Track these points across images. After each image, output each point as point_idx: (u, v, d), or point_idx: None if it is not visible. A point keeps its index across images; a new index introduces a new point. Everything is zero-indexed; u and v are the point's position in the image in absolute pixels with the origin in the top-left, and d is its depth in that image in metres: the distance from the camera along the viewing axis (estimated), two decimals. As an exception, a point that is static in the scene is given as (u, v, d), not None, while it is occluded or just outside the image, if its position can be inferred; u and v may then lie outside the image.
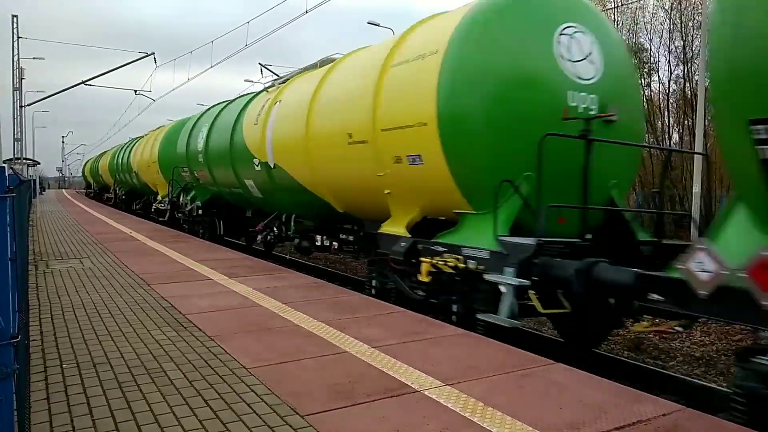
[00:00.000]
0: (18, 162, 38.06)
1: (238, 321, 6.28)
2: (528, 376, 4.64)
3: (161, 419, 3.74)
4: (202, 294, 7.73)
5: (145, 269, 9.75)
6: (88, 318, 6.39)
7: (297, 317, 6.46)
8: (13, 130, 37.60)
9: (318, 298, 7.61)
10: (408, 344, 5.46)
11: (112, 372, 4.61)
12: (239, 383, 4.40)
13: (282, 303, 7.19)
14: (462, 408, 3.93)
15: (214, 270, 9.78)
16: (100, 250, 12.41)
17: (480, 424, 3.69)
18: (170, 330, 5.90)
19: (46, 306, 6.98)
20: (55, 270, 9.73)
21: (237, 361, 4.90)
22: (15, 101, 36.69)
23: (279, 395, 4.15)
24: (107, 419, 3.73)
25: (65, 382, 4.38)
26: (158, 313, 6.66)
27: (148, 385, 4.35)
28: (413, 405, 3.99)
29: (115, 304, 7.12)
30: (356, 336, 5.69)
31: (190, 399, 4.09)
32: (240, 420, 3.75)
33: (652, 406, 4.07)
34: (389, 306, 7.24)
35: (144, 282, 8.59)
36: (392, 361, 4.91)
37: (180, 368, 4.74)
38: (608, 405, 4.04)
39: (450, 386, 4.34)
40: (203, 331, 5.84)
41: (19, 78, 36.94)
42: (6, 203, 2.43)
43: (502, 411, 3.89)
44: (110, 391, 4.21)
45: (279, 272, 10.05)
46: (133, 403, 3.99)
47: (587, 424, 3.71)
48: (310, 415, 3.81)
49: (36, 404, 3.95)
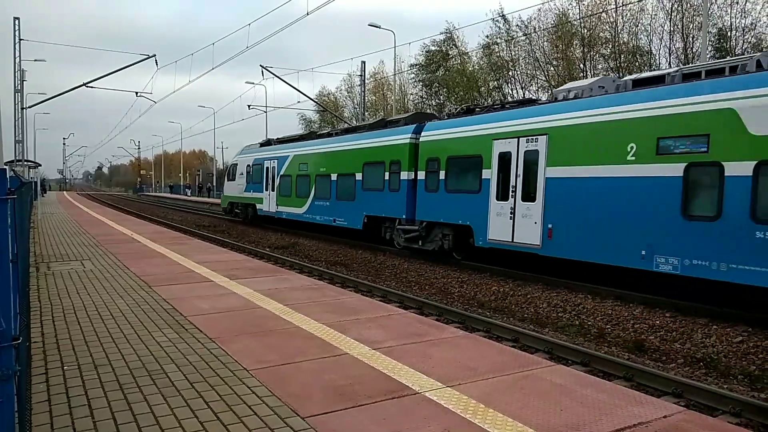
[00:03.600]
0: (19, 164, 38.10)
1: (240, 323, 6.29)
2: (528, 377, 4.65)
3: (162, 421, 3.75)
4: (203, 296, 7.73)
5: (146, 271, 9.76)
6: (89, 319, 6.40)
7: (298, 319, 6.47)
8: (14, 132, 37.67)
9: (319, 299, 7.62)
10: (408, 346, 5.46)
11: (113, 373, 4.62)
12: (240, 385, 4.41)
13: (283, 305, 7.20)
14: (462, 409, 3.93)
15: (215, 272, 9.79)
16: (101, 252, 12.42)
17: (480, 425, 3.69)
18: (171, 332, 5.91)
19: (48, 307, 6.99)
20: (57, 272, 9.74)
21: (238, 363, 4.90)
22: (16, 103, 36.74)
23: (280, 397, 4.15)
24: (108, 420, 3.74)
25: (66, 384, 4.39)
26: (159, 314, 6.67)
27: (149, 386, 4.36)
28: (414, 407, 3.99)
29: (116, 305, 7.13)
30: (357, 338, 5.69)
31: (191, 401, 4.10)
32: (241, 422, 3.75)
33: (652, 407, 4.07)
34: (390, 307, 7.24)
35: (145, 284, 8.59)
36: (393, 363, 4.91)
37: (181, 370, 4.74)
38: (608, 406, 4.05)
39: (450, 388, 4.34)
40: (204, 333, 5.84)
41: (21, 80, 36.99)
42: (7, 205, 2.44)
43: (502, 412, 3.89)
44: (111, 392, 4.22)
45: (280, 274, 10.06)
46: (134, 405, 3.99)
47: (587, 426, 3.71)
48: (310, 416, 3.81)
49: (37, 405, 3.96)
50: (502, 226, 13.17)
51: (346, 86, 61.73)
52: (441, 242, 15.52)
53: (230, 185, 30.43)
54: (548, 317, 10.25)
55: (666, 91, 10.06)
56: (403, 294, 11.70)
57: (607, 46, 38.59)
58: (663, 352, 8.30)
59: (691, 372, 7.56)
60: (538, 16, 41.41)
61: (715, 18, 32.73)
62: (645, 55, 37.01)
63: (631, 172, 10.33)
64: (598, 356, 7.66)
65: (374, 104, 58.74)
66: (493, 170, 13.46)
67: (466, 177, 14.49)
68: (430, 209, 15.64)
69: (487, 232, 13.57)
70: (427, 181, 15.71)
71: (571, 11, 39.50)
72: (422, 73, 52.80)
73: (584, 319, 9.97)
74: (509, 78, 45.43)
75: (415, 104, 53.03)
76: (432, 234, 15.84)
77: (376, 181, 17.94)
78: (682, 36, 34.82)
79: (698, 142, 9.40)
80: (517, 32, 42.94)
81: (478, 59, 47.70)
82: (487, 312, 10.78)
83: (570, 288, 11.86)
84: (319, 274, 14.07)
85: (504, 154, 13.19)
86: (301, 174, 22.73)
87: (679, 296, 10.27)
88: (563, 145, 11.70)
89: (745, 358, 7.80)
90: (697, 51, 31.83)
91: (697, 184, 9.51)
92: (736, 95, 8.88)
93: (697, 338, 8.63)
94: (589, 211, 11.14)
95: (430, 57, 51.11)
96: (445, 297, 12.12)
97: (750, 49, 31.98)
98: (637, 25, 36.77)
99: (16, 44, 35.49)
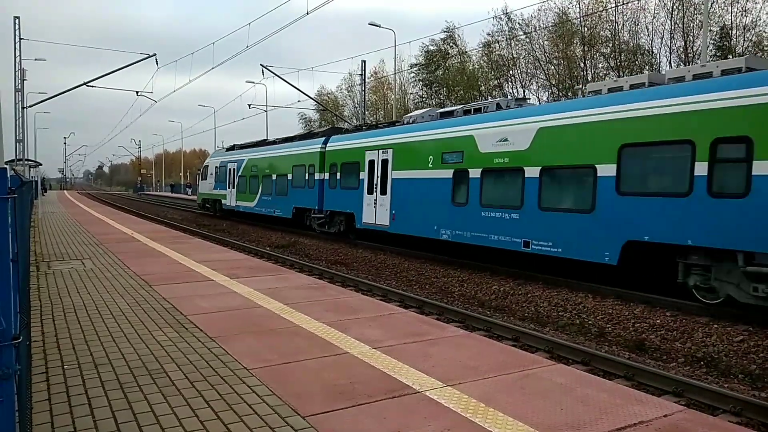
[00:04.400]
0: (20, 163, 38.09)
1: (240, 322, 6.28)
2: (529, 376, 4.64)
3: (163, 420, 3.75)
4: (204, 295, 7.73)
5: (147, 270, 9.76)
6: (90, 319, 6.40)
7: (298, 318, 6.47)
8: (15, 132, 37.67)
9: (319, 298, 7.62)
10: (409, 345, 5.46)
11: (113, 373, 4.62)
12: (241, 384, 4.40)
13: (283, 304, 7.20)
14: (463, 409, 3.93)
15: (216, 271, 9.79)
16: (101, 251, 12.42)
17: (481, 425, 3.69)
18: (172, 331, 5.91)
19: (48, 307, 6.99)
20: (57, 271, 9.74)
21: (238, 362, 4.90)
22: (17, 102, 36.73)
23: (280, 396, 4.15)
24: (108, 420, 3.74)
25: (67, 383, 4.39)
26: (160, 314, 6.67)
27: (150, 385, 4.35)
28: (414, 406, 3.99)
29: (116, 304, 7.13)
30: (357, 337, 5.69)
31: (191, 400, 4.09)
32: (241, 420, 3.75)
33: (653, 406, 4.07)
34: (390, 307, 7.24)
35: (145, 283, 8.59)
36: (393, 362, 4.91)
37: (181, 369, 4.74)
38: (609, 405, 4.04)
39: (451, 387, 4.34)
40: (205, 332, 5.84)
41: (21, 79, 36.98)
42: (7, 204, 2.43)
43: (503, 412, 3.89)
44: (111, 391, 4.22)
45: (280, 273, 10.06)
46: (135, 404, 3.99)
47: (588, 425, 3.71)
48: (311, 415, 3.81)
49: (37, 405, 3.95)
50: (369, 212, 18.19)
51: (347, 85, 61.79)
52: (339, 226, 20.51)
53: (203, 184, 35.97)
54: (549, 316, 10.24)
55: (451, 122, 15.19)
56: (403, 293, 11.70)
57: (607, 45, 38.57)
58: (664, 352, 8.29)
59: (692, 371, 7.56)
60: (538, 15, 41.44)
61: (716, 17, 32.72)
62: (645, 54, 37.00)
63: (431, 174, 15.38)
64: (599, 355, 7.65)
65: (374, 103, 58.72)
66: (365, 172, 18.49)
67: (351, 177, 19.34)
68: (332, 201, 20.70)
69: (362, 217, 18.54)
70: (330, 180, 20.73)
71: (571, 10, 39.51)
72: (422, 73, 52.78)
73: (585, 318, 9.97)
74: (509, 77, 45.44)
75: (415, 103, 53.02)
76: (334, 220, 20.88)
77: (301, 180, 22.94)
78: (683, 35, 34.80)
79: (458, 156, 14.46)
80: (518, 31, 42.95)
81: (478, 58, 47.71)
82: (488, 311, 10.78)
83: (571, 287, 11.85)
84: (320, 273, 14.07)
85: (371, 161, 18.20)
86: (253, 175, 28.06)
87: (678, 296, 10.27)
88: (401, 156, 16.81)
89: (746, 357, 7.80)
90: (698, 50, 31.80)
91: (458, 182, 14.46)
92: (474, 127, 14.10)
93: (697, 337, 8.63)
94: (413, 201, 16.16)
95: (430, 56, 51.09)
96: (446, 296, 12.12)
97: (751, 48, 31.96)
98: (638, 24, 36.78)
99: (17, 43, 35.49)
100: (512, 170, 12.87)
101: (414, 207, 16.07)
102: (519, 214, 12.62)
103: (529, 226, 12.37)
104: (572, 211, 11.55)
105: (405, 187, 16.46)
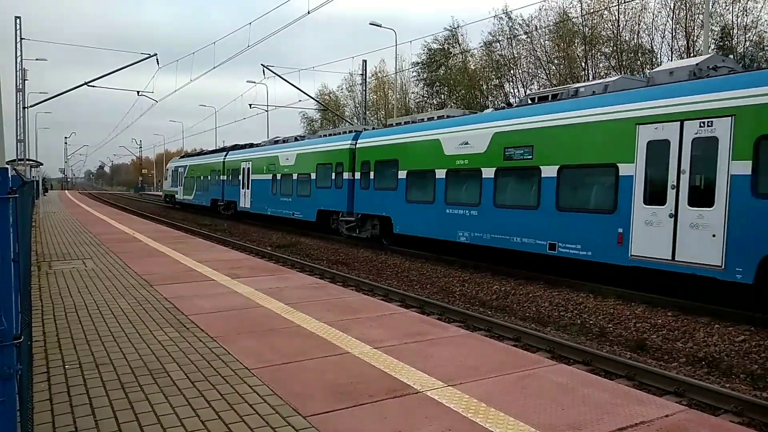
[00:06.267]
0: (21, 163, 38.12)
1: (241, 322, 6.29)
2: (530, 376, 4.64)
3: (164, 420, 3.75)
4: (205, 295, 7.74)
5: (148, 270, 9.76)
6: (91, 319, 6.41)
7: (299, 318, 6.47)
8: (16, 132, 37.72)
9: (320, 298, 7.62)
10: (410, 345, 5.46)
11: (114, 372, 4.62)
12: (242, 384, 4.40)
13: (284, 304, 7.20)
14: (464, 409, 3.93)
15: (217, 270, 9.79)
16: (102, 251, 12.43)
17: (482, 424, 3.68)
18: (173, 331, 5.91)
19: (49, 307, 7.00)
20: (58, 271, 9.75)
21: (239, 362, 4.90)
22: (18, 102, 36.77)
23: (281, 396, 4.15)
24: (110, 420, 3.74)
25: (68, 383, 4.39)
26: (161, 313, 6.67)
27: (151, 385, 4.36)
28: (415, 406, 3.99)
29: (117, 304, 7.13)
30: (358, 337, 5.69)
31: (192, 400, 4.09)
32: (242, 420, 3.75)
33: (654, 407, 4.06)
34: (391, 306, 7.24)
35: (146, 283, 8.60)
36: (394, 362, 4.91)
37: (182, 369, 4.74)
38: (610, 405, 4.04)
39: (452, 387, 4.34)
40: (206, 332, 5.85)
41: (22, 79, 37.02)
42: (8, 204, 2.43)
43: (504, 412, 3.88)
44: (113, 391, 4.22)
45: (281, 273, 10.06)
46: (136, 404, 3.99)
47: (589, 425, 3.70)
48: (312, 415, 3.81)
49: (39, 405, 3.96)
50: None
51: (348, 85, 61.73)
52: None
53: (166, 183, 48.50)
54: (550, 316, 10.24)
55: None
56: (404, 293, 11.69)
57: (608, 44, 38.52)
58: (665, 351, 8.28)
59: (693, 371, 7.54)
60: (539, 15, 41.41)
61: (718, 16, 32.66)
62: (647, 53, 36.95)
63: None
64: (600, 355, 7.64)
65: (375, 103, 58.68)
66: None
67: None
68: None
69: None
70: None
71: (572, 10, 39.47)
72: (423, 72, 52.70)
73: (586, 318, 9.96)
74: (510, 77, 45.40)
75: (416, 103, 52.96)
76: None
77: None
78: (685, 34, 34.76)
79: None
80: (519, 30, 42.92)
81: (479, 58, 47.66)
82: (489, 311, 10.77)
83: (572, 287, 11.84)
84: (321, 273, 14.07)
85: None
86: (189, 176, 38.44)
87: (679, 295, 10.26)
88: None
89: (748, 357, 7.79)
90: (699, 49, 31.75)
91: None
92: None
93: (699, 337, 8.62)
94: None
95: (432, 55, 50.98)
96: (447, 296, 12.11)
97: (752, 47, 31.91)
98: (639, 23, 36.73)
99: (18, 43, 35.53)
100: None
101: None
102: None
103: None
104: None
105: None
